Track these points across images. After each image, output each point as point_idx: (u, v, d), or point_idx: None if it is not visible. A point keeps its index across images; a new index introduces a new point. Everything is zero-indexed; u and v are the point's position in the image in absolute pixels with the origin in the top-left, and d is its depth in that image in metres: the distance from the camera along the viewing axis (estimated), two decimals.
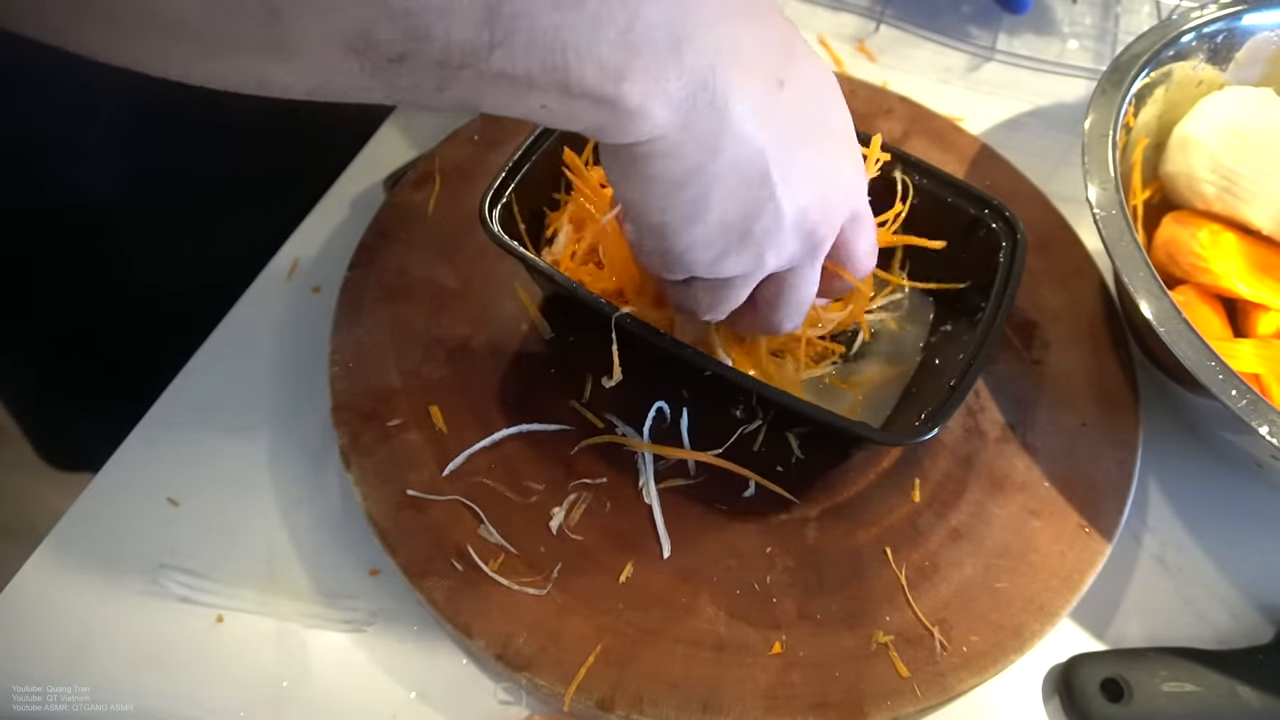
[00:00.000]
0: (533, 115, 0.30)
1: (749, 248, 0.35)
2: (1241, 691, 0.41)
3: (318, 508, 0.46)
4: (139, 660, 0.42)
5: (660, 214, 0.34)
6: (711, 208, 0.33)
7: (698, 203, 0.33)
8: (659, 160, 0.31)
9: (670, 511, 0.44)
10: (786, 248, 0.36)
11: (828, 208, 0.36)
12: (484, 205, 0.44)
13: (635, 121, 0.29)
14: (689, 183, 0.32)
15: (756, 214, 0.34)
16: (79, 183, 0.55)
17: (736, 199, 0.33)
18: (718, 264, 0.36)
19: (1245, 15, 0.54)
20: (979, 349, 0.43)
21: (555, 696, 0.40)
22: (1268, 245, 0.50)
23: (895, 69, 0.68)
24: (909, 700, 0.40)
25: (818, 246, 0.37)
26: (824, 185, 0.35)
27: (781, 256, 0.36)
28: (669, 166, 0.32)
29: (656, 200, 0.33)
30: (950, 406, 0.41)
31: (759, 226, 0.34)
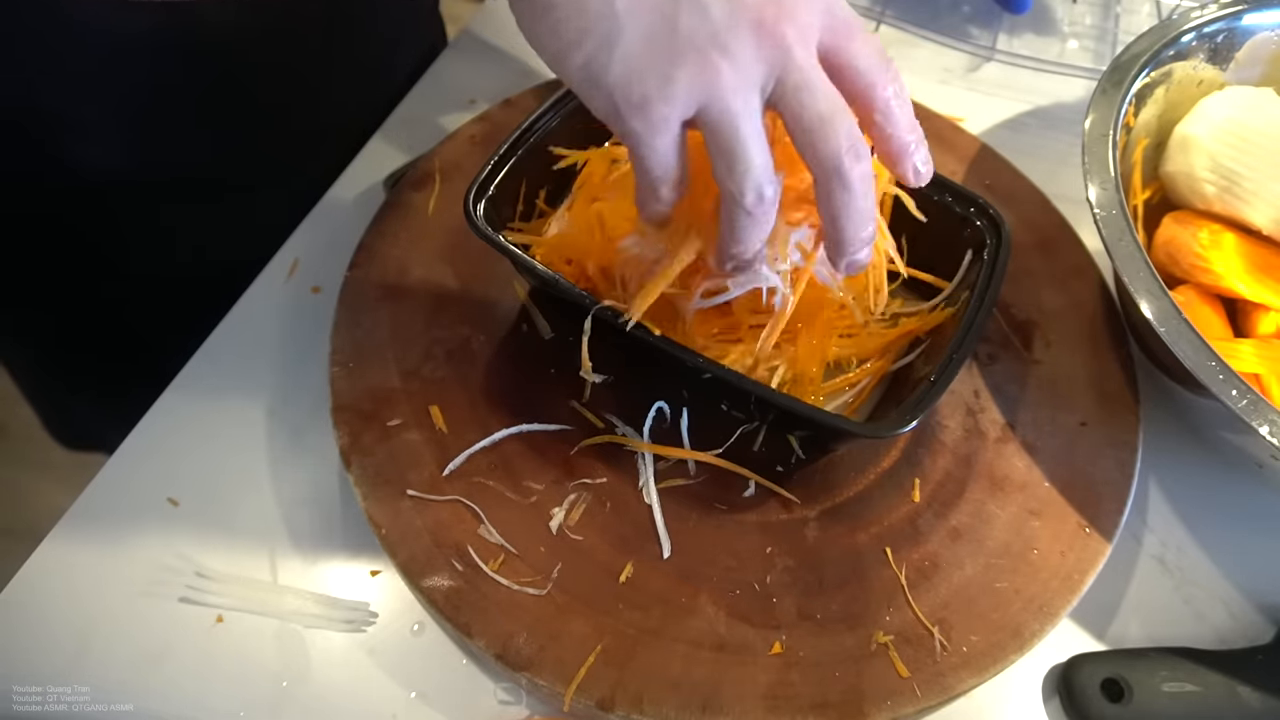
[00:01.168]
0: None
1: (686, 58, 0.31)
2: (1241, 691, 0.41)
3: (318, 508, 0.46)
4: (139, 660, 0.42)
5: (580, 48, 0.31)
6: (624, 18, 0.31)
7: (594, 18, 0.31)
8: None
9: (670, 511, 0.44)
10: (741, 50, 0.31)
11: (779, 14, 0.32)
12: (469, 200, 0.44)
13: None
14: (577, 4, 0.30)
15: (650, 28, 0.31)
16: (83, 165, 0.55)
17: (641, 11, 0.31)
18: (664, 92, 0.31)
19: (1245, 15, 0.54)
20: (960, 344, 0.43)
21: (555, 696, 0.40)
22: (1268, 245, 0.50)
23: None
24: (909, 700, 0.40)
25: (787, 51, 0.32)
26: None
27: (741, 67, 0.31)
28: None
29: (553, 36, 0.31)
30: (929, 400, 0.41)
31: (684, 24, 0.31)
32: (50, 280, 0.64)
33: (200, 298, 0.53)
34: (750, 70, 0.32)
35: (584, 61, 0.32)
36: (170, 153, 0.57)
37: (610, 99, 0.32)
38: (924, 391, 0.41)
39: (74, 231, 0.60)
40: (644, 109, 0.32)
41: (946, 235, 0.48)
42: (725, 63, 0.32)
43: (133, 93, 0.52)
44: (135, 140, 0.55)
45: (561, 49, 0.32)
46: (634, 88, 0.32)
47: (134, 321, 0.66)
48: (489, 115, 0.58)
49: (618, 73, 0.32)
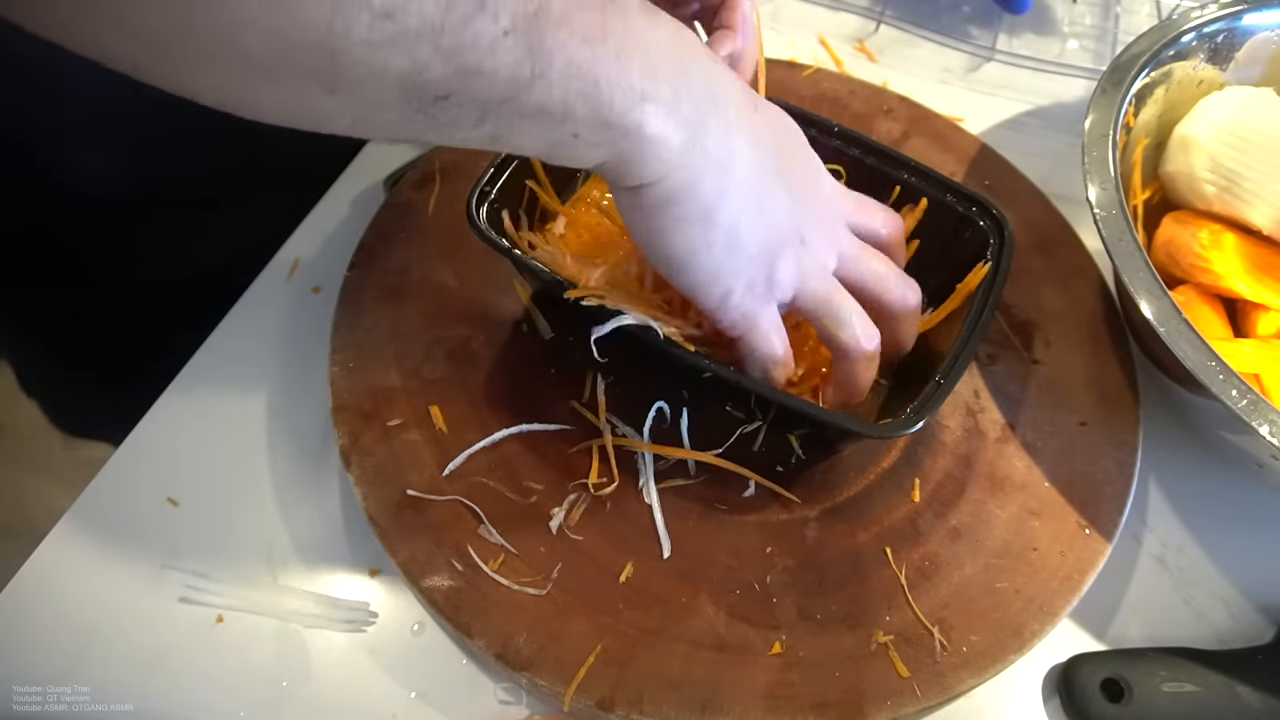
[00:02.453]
0: (559, 147, 0.32)
1: (783, 254, 0.38)
2: (1241, 691, 0.41)
3: (318, 508, 0.46)
4: (139, 660, 0.42)
5: (686, 260, 0.37)
6: (724, 227, 0.36)
7: (714, 228, 0.36)
8: (680, 201, 0.35)
9: (670, 511, 0.44)
10: (815, 240, 0.39)
11: (827, 210, 0.40)
12: (471, 201, 0.44)
13: (653, 147, 0.33)
14: (710, 217, 0.36)
15: (764, 227, 0.37)
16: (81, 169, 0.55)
17: (747, 215, 0.37)
18: (771, 279, 0.39)
19: (1245, 15, 0.54)
20: (965, 343, 0.43)
21: (555, 696, 0.40)
22: (1268, 245, 0.50)
23: (895, 69, 0.68)
24: (909, 700, 0.40)
25: (841, 231, 0.41)
26: (813, 191, 0.40)
27: (818, 253, 0.40)
28: (690, 205, 0.35)
29: (677, 243, 0.36)
30: (936, 400, 0.41)
31: (775, 227, 0.38)
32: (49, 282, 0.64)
33: (200, 298, 0.53)
34: (824, 254, 0.40)
35: (710, 268, 0.37)
36: (170, 154, 0.57)
37: (727, 292, 0.38)
38: (931, 391, 0.41)
39: (73, 234, 0.60)
40: (753, 295, 0.39)
41: (949, 235, 0.48)
42: (808, 253, 0.39)
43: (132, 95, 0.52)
44: (135, 142, 0.55)
45: (687, 260, 0.37)
46: (748, 284, 0.38)
47: (134, 322, 0.66)
48: None
49: (736, 271, 0.38)
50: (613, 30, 0.31)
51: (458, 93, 0.28)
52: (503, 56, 0.28)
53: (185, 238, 0.61)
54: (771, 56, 0.64)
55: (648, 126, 0.32)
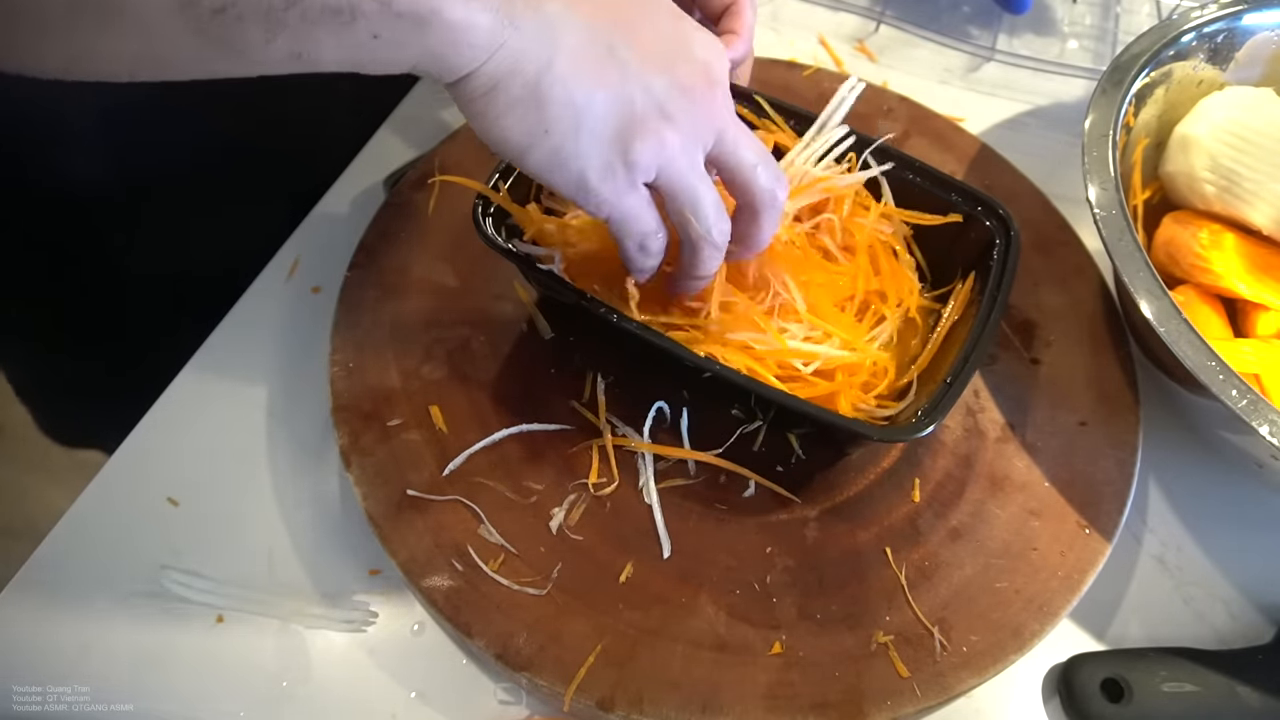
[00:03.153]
0: (361, 51, 0.30)
1: (644, 130, 0.35)
2: (1241, 691, 0.41)
3: (318, 508, 0.46)
4: (139, 660, 0.42)
5: (546, 139, 0.34)
6: (558, 105, 0.34)
7: (547, 107, 0.34)
8: (503, 83, 0.33)
9: (670, 511, 0.44)
10: (683, 118, 0.36)
11: (699, 80, 0.37)
12: (477, 210, 0.44)
13: (462, 35, 0.31)
14: (540, 97, 0.33)
15: (607, 101, 0.35)
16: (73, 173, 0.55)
17: (582, 90, 0.34)
18: (628, 160, 0.36)
19: (1245, 15, 0.54)
20: (974, 344, 0.43)
21: (555, 696, 0.40)
22: (1268, 245, 0.50)
23: (895, 69, 0.68)
24: (909, 700, 0.40)
25: (718, 114, 0.37)
26: (677, 58, 0.37)
27: (686, 131, 0.36)
28: (514, 86, 0.33)
29: (512, 129, 0.34)
30: (947, 402, 0.41)
31: (637, 103, 0.35)
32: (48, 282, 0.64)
33: (200, 298, 0.53)
34: (692, 131, 0.37)
35: (551, 150, 0.35)
36: (168, 154, 0.57)
37: (581, 177, 0.36)
38: (941, 392, 0.41)
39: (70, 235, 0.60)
40: (613, 179, 0.36)
41: (954, 235, 0.48)
42: (672, 130, 0.36)
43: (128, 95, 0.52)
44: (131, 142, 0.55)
45: (526, 144, 0.35)
46: (599, 163, 0.35)
47: (131, 322, 0.66)
48: None
49: (584, 154, 0.35)
50: None
51: (234, 4, 0.27)
52: None
53: (185, 238, 0.61)
54: (772, 56, 0.64)
55: (446, 12, 0.30)
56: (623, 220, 0.38)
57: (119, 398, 0.53)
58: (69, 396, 0.76)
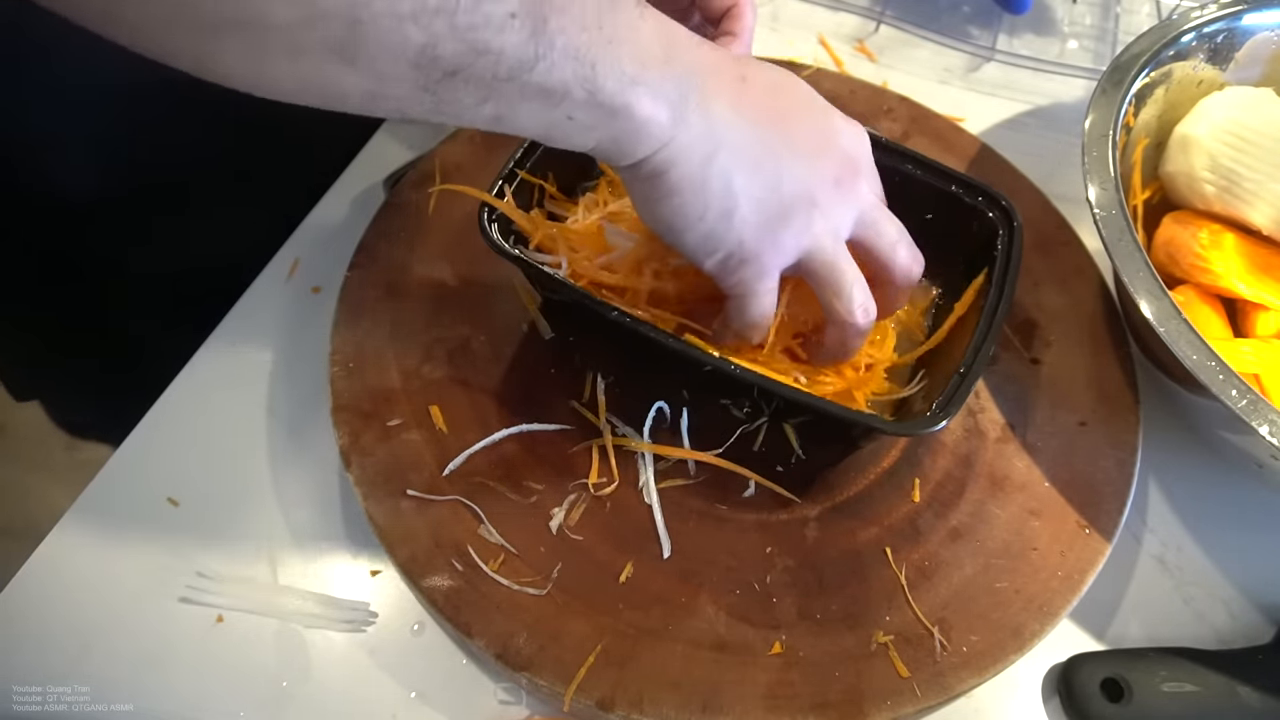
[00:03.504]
0: (555, 128, 0.34)
1: (791, 217, 0.39)
2: (1241, 691, 0.41)
3: (318, 508, 0.46)
4: (139, 660, 0.42)
5: (701, 223, 0.38)
6: (716, 192, 0.37)
7: (706, 193, 0.37)
8: (671, 170, 0.36)
9: (670, 511, 0.44)
10: (829, 204, 0.40)
11: (845, 168, 0.40)
12: (483, 215, 0.44)
13: (644, 127, 0.34)
14: (701, 184, 0.37)
15: (762, 189, 0.38)
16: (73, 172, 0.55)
17: (740, 178, 0.37)
18: (776, 246, 0.39)
19: (1245, 15, 0.54)
20: (985, 336, 0.43)
21: (555, 696, 0.40)
22: (1268, 245, 0.50)
23: (895, 69, 0.68)
24: (909, 700, 0.40)
25: (860, 197, 0.41)
26: (826, 148, 0.40)
27: (831, 217, 0.40)
28: (679, 173, 0.36)
29: (671, 210, 0.37)
30: (961, 396, 0.41)
31: (785, 190, 0.39)
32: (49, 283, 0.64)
33: (200, 298, 0.53)
34: (837, 218, 0.40)
35: (705, 234, 0.38)
36: (169, 152, 0.57)
37: (727, 259, 0.39)
38: (954, 386, 0.41)
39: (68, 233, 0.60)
40: (757, 262, 0.39)
41: (957, 228, 0.48)
42: (819, 216, 0.39)
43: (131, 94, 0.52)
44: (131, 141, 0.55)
45: (683, 226, 0.38)
46: (749, 247, 0.39)
47: (134, 322, 0.66)
48: None
49: (735, 239, 0.38)
50: (606, 18, 0.32)
51: (466, 69, 0.30)
52: (510, 36, 0.30)
53: (185, 238, 0.61)
54: (772, 56, 0.64)
55: (637, 108, 0.34)
56: (748, 303, 0.41)
57: (119, 398, 0.53)
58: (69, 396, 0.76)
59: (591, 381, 0.48)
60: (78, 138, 0.54)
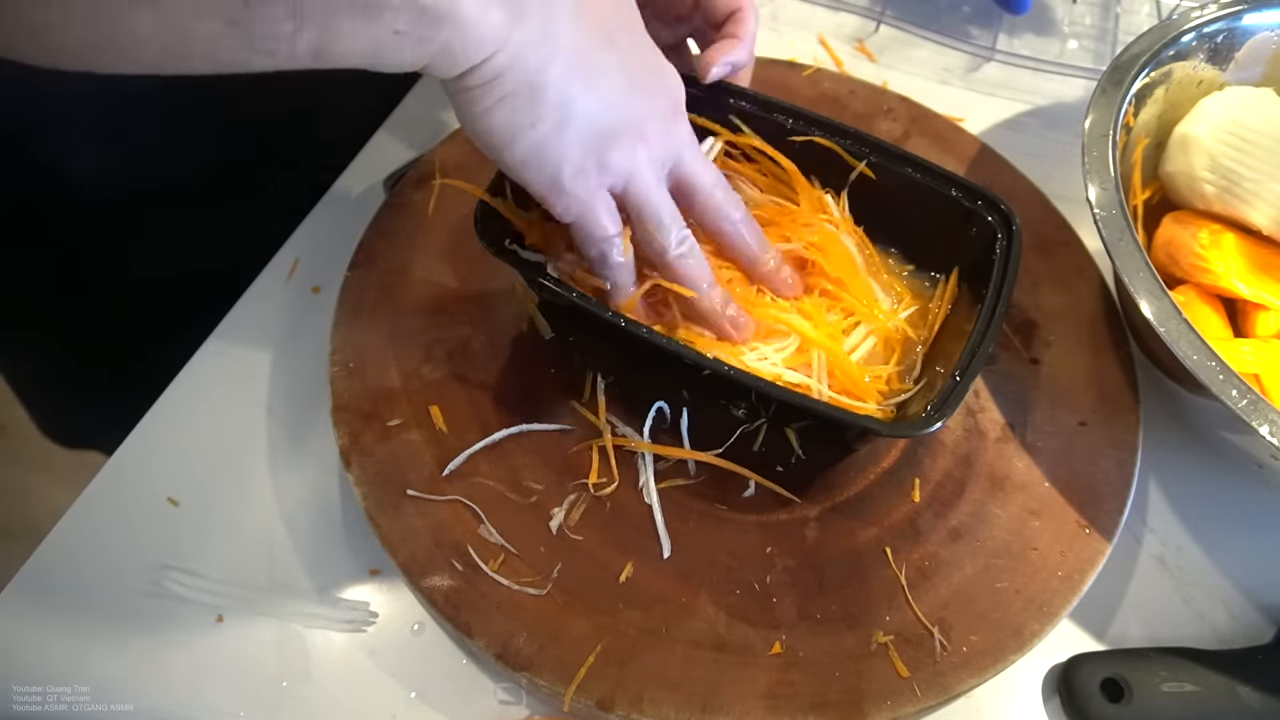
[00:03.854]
0: (383, 48, 0.31)
1: (619, 141, 0.38)
2: (1241, 691, 0.41)
3: (318, 508, 0.46)
4: (139, 660, 0.42)
5: (532, 131, 0.36)
6: (551, 102, 0.36)
7: (540, 103, 0.36)
8: (504, 75, 0.34)
9: (670, 511, 0.44)
10: (654, 136, 0.39)
11: (670, 104, 0.41)
12: (478, 217, 0.44)
13: (475, 30, 0.32)
14: (534, 92, 0.35)
15: (598, 106, 0.37)
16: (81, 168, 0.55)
17: (576, 89, 0.36)
18: (602, 165, 0.38)
19: (1245, 15, 0.54)
20: (982, 338, 0.43)
21: (555, 696, 0.40)
22: (1268, 245, 0.50)
23: (895, 69, 0.68)
24: (909, 700, 0.40)
25: (682, 139, 0.41)
26: (655, 80, 0.40)
27: (654, 149, 0.40)
28: (512, 79, 0.35)
29: (501, 120, 0.36)
30: (956, 397, 0.41)
31: (617, 114, 0.38)
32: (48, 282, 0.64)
33: (200, 298, 0.53)
34: (660, 152, 0.40)
35: (533, 144, 0.37)
36: (169, 153, 0.57)
37: (556, 174, 0.38)
38: (949, 387, 0.41)
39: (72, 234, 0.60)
40: (585, 180, 0.38)
41: (955, 229, 0.48)
42: (645, 147, 0.39)
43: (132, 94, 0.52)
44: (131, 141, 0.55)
45: (510, 137, 0.36)
46: (575, 164, 0.38)
47: (134, 321, 0.66)
48: None
49: (564, 152, 0.37)
50: None
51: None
52: None
53: (184, 237, 0.61)
54: (772, 56, 0.64)
55: (464, 8, 0.32)
56: (586, 222, 0.40)
57: (119, 397, 0.53)
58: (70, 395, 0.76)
59: (591, 381, 0.48)
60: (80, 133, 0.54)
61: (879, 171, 0.49)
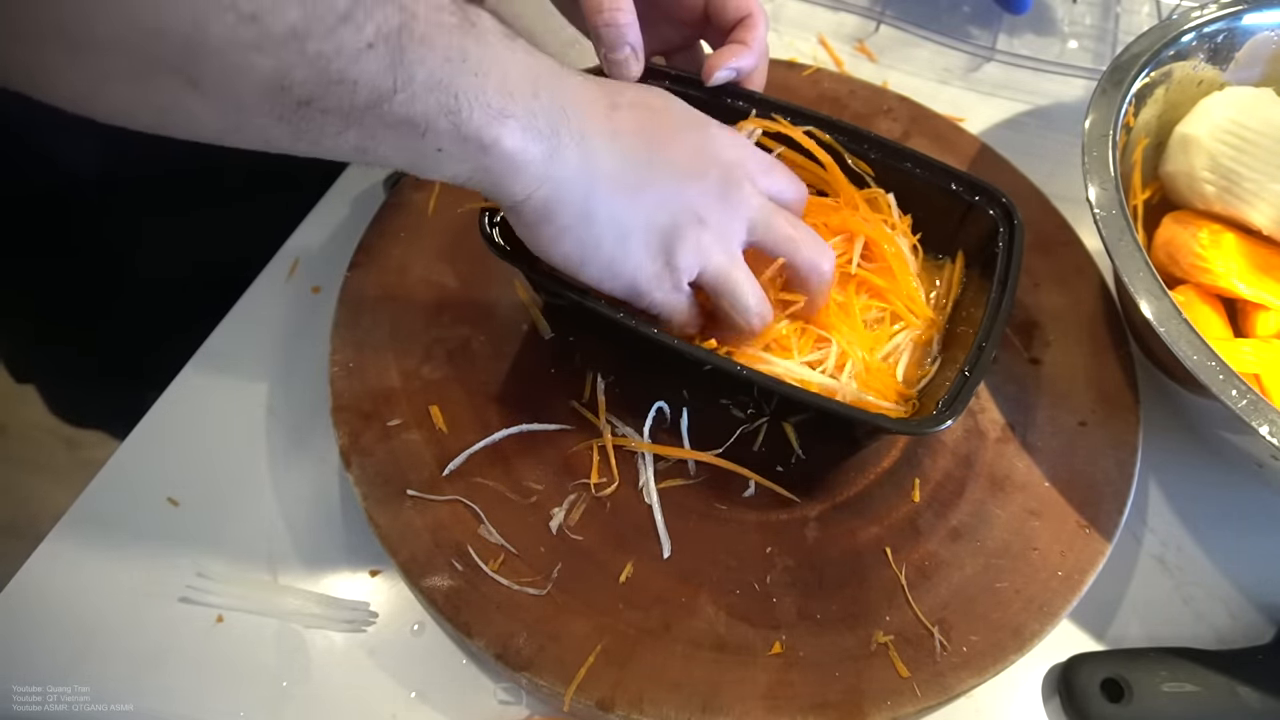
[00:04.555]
0: (424, 160, 0.34)
1: (682, 236, 0.40)
2: (1241, 691, 0.41)
3: (318, 508, 0.46)
4: (139, 660, 0.42)
5: (598, 253, 0.39)
6: (603, 223, 0.38)
7: (593, 225, 0.38)
8: (556, 210, 0.37)
9: (670, 511, 0.44)
10: (717, 218, 0.40)
11: (727, 180, 0.41)
12: (483, 215, 0.44)
13: (516, 161, 0.35)
14: (587, 218, 0.38)
15: (645, 214, 0.39)
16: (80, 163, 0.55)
17: (619, 207, 0.38)
18: (673, 265, 0.40)
19: (1245, 15, 0.54)
20: (988, 334, 0.43)
21: (555, 696, 0.40)
22: (1268, 245, 0.50)
23: (895, 69, 0.68)
24: (909, 700, 0.40)
25: (749, 205, 0.41)
26: (704, 164, 0.41)
27: (721, 229, 0.41)
28: (564, 211, 0.37)
29: (568, 248, 0.38)
30: (966, 394, 0.41)
31: (672, 210, 0.40)
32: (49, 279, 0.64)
33: (200, 297, 0.53)
34: (726, 230, 0.41)
35: (604, 264, 0.39)
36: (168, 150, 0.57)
37: (633, 284, 0.40)
38: (959, 384, 0.41)
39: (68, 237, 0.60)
40: (661, 284, 0.40)
41: (956, 224, 0.48)
42: (707, 232, 0.40)
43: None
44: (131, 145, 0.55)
45: (580, 259, 0.39)
46: (648, 271, 0.40)
47: (134, 319, 0.66)
48: None
49: (633, 264, 0.39)
50: (471, 51, 0.32)
51: (321, 99, 0.29)
52: (366, 65, 0.29)
53: (184, 234, 0.61)
54: (772, 56, 0.64)
55: (505, 140, 0.34)
56: (669, 318, 0.42)
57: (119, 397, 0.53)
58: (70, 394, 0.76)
59: (591, 381, 0.48)
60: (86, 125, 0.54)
61: (877, 167, 0.49)
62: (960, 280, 0.49)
